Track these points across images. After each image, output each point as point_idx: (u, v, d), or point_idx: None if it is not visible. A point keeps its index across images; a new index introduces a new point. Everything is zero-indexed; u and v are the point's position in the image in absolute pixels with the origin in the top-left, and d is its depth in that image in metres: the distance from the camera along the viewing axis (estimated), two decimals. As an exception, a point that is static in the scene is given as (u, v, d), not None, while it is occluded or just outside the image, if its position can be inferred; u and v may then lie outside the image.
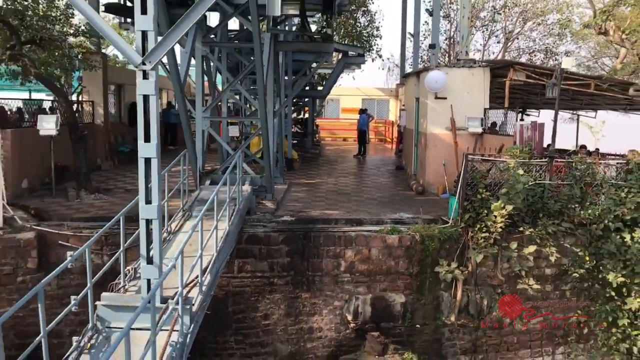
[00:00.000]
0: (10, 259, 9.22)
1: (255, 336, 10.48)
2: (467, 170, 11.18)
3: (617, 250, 10.84)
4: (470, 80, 14.21)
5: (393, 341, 10.84)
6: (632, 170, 11.68)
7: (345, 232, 10.78)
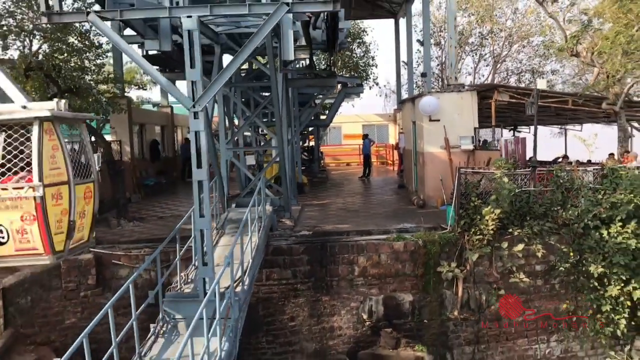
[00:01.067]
0: (74, 277, 10.80)
1: (284, 336, 11.96)
2: (460, 182, 12.79)
3: (597, 245, 12.34)
4: (460, 103, 15.88)
5: (404, 336, 12.31)
6: (607, 175, 13.30)
7: (356, 241, 12.34)
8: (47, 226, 6.10)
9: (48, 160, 6.11)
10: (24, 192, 6.00)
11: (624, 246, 12.03)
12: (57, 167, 6.25)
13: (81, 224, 6.74)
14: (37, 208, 6.02)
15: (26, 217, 6.05)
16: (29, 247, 6.16)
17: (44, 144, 6.08)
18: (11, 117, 6.13)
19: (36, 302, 10.59)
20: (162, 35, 9.70)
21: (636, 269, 12.09)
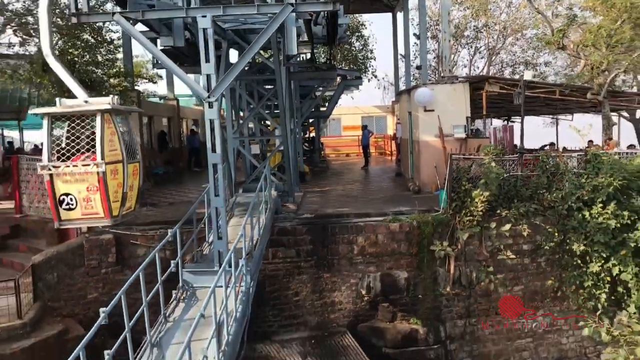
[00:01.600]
0: (95, 255, 11.75)
1: (289, 310, 12.93)
2: (452, 168, 13.73)
3: (579, 225, 13.27)
4: (453, 94, 16.77)
5: (400, 310, 13.26)
6: (590, 160, 14.25)
7: (355, 223, 13.28)
8: (107, 195, 7.58)
9: (107, 143, 7.56)
10: (90, 168, 7.49)
11: (604, 226, 12.94)
12: (114, 149, 7.72)
13: (130, 195, 8.17)
14: (100, 181, 7.51)
15: (91, 188, 7.53)
16: (93, 212, 7.66)
17: (104, 130, 7.51)
18: (80, 109, 7.65)
19: (62, 278, 11.54)
20: (176, 32, 10.63)
21: (615, 247, 12.98)
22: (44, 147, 7.82)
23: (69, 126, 7.69)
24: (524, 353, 14.02)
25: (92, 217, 7.77)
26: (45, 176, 7.70)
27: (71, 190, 7.58)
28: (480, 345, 13.72)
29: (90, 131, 7.62)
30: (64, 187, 7.62)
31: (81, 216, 7.74)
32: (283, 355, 12.23)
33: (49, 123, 7.82)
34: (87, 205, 7.59)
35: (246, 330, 8.48)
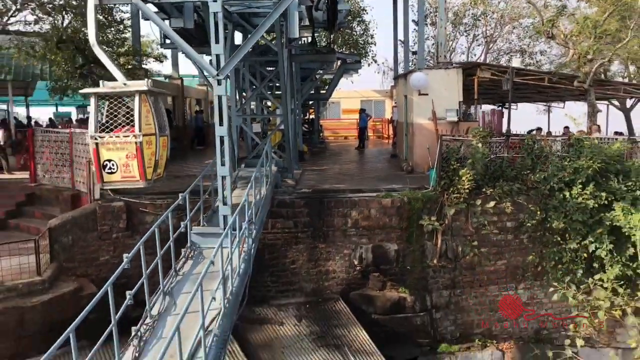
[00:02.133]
0: (108, 220, 12.65)
1: (286, 277, 13.87)
2: (442, 148, 14.61)
3: (560, 205, 14.17)
4: (447, 79, 17.59)
5: (390, 279, 14.21)
6: (573, 144, 15.14)
7: (350, 197, 14.18)
8: (143, 162, 8.87)
9: (144, 118, 8.79)
10: (129, 139, 8.75)
11: (582, 206, 13.84)
12: (149, 124, 8.96)
13: (161, 163, 9.46)
14: (137, 150, 8.78)
15: (129, 155, 8.84)
16: (130, 176, 8.99)
17: (142, 107, 8.75)
18: (121, 90, 8.87)
19: (76, 241, 12.44)
20: (186, 14, 11.44)
21: (593, 226, 13.89)
22: (90, 121, 9.05)
23: (110, 104, 8.99)
24: (505, 324, 14.99)
25: (129, 180, 9.06)
26: (91, 145, 8.97)
27: (113, 157, 8.91)
28: (464, 315, 14.68)
29: (127, 108, 8.91)
30: (107, 154, 8.95)
31: (120, 179, 9.05)
32: (280, 317, 13.20)
33: (95, 101, 9.00)
34: (126, 170, 8.92)
35: (247, 286, 9.39)
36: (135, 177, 9.00)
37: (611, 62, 20.27)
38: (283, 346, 12.31)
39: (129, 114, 8.87)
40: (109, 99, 8.98)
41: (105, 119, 8.96)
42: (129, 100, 8.93)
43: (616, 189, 13.93)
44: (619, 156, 14.74)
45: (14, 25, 17.74)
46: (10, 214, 14.34)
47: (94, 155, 8.97)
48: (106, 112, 8.95)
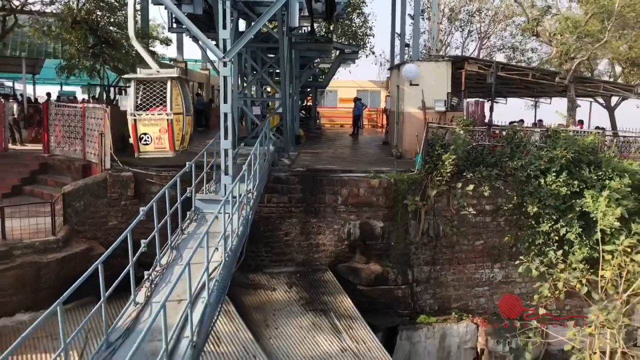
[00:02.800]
0: (117, 189, 13.74)
1: (279, 248, 15.00)
2: (428, 135, 15.74)
3: (535, 190, 15.32)
4: (437, 71, 18.66)
5: (375, 254, 15.36)
6: (550, 135, 16.29)
7: (341, 177, 15.30)
8: (173, 136, 10.53)
9: (174, 100, 10.41)
10: (162, 116, 10.43)
11: (556, 192, 15.01)
12: (178, 105, 10.56)
13: (186, 138, 11.09)
14: (168, 125, 10.45)
15: (162, 130, 10.53)
16: (162, 147, 10.71)
17: (172, 91, 10.39)
18: (157, 76, 10.58)
19: (87, 207, 13.53)
20: (196, 1, 12.49)
21: (564, 211, 15.07)
22: (129, 101, 10.85)
23: (145, 87, 10.66)
24: (481, 299, 16.20)
25: (161, 150, 10.80)
26: (130, 121, 10.62)
27: (148, 131, 10.64)
28: (443, 289, 15.88)
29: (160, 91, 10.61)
30: (143, 129, 10.65)
31: (154, 149, 10.79)
32: (272, 284, 14.36)
33: (135, 85, 10.59)
34: (158, 142, 10.70)
35: (244, 246, 10.51)
36: (165, 148, 10.73)
37: (591, 61, 21.32)
38: (274, 309, 13.48)
39: (162, 95, 10.52)
40: (144, 84, 10.61)
41: (141, 100, 10.62)
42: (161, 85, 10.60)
43: (587, 178, 15.06)
44: (592, 148, 15.89)
45: (34, 5, 18.74)
46: (25, 181, 15.42)
47: (132, 129, 10.64)
48: (142, 94, 10.62)
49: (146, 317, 7.11)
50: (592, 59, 18.53)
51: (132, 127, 10.60)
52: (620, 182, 14.71)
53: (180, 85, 10.70)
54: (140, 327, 6.87)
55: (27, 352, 10.85)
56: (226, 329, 12.03)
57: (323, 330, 12.96)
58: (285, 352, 12.03)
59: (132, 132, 10.63)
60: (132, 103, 10.56)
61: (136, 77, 10.59)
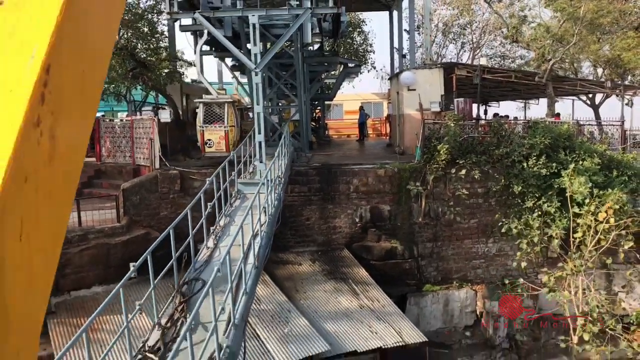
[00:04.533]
0: (166, 184, 16.41)
1: (302, 231, 17.59)
2: (425, 130, 18.38)
3: (519, 173, 17.86)
4: (431, 77, 21.36)
5: (384, 233, 17.91)
6: (532, 127, 18.90)
7: (352, 168, 17.94)
8: (228, 141, 14.53)
9: (229, 117, 14.54)
10: (221, 128, 14.72)
11: (537, 173, 17.55)
12: (231, 120, 14.81)
13: (235, 142, 14.96)
14: (225, 134, 14.66)
15: (220, 137, 14.89)
16: (220, 149, 15.00)
17: (228, 110, 14.44)
18: (218, 100, 15.25)
19: (142, 200, 16.20)
20: (226, 25, 15.27)
21: (545, 189, 17.60)
22: (198, 117, 15.81)
23: (206, 108, 15.48)
24: (478, 270, 18.66)
25: (219, 151, 15.28)
26: (198, 130, 15.66)
27: (211, 137, 15.34)
28: (444, 263, 18.36)
29: (219, 110, 15.15)
30: (208, 136, 15.45)
31: (215, 150, 15.38)
32: (298, 260, 16.92)
33: (203, 106, 15.39)
34: (218, 145, 15.30)
35: (280, 215, 13.12)
36: (223, 150, 15.41)
37: (574, 64, 24.00)
38: (302, 279, 16.04)
39: (220, 113, 15.22)
40: (208, 105, 15.35)
41: (205, 116, 15.34)
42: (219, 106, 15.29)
43: (563, 160, 17.62)
44: (568, 135, 18.49)
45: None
46: (83, 185, 18.15)
47: (201, 137, 15.51)
48: (205, 112, 15.33)
49: (217, 254, 9.69)
50: (568, 60, 21.07)
51: (201, 135, 15.41)
52: (591, 162, 17.29)
53: (232, 106, 15.06)
54: (214, 261, 9.45)
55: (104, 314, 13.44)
56: (264, 292, 14.59)
57: (343, 293, 15.49)
58: (314, 309, 14.55)
59: (200, 139, 15.58)
60: (201, 118, 15.38)
61: (202, 101, 15.34)
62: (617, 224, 14.28)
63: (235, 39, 16.77)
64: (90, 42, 1.65)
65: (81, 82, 1.64)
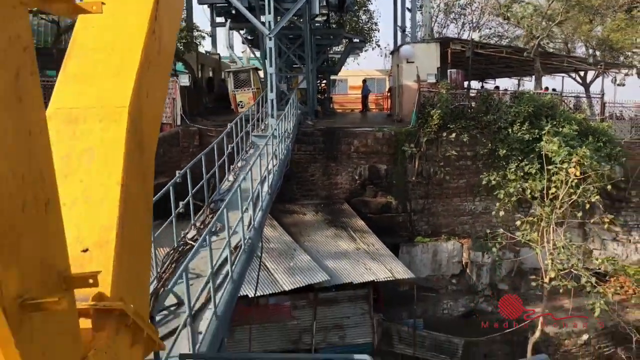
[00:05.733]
0: (187, 139, 18.36)
1: (307, 186, 19.55)
2: (420, 97, 20.25)
3: (505, 138, 19.79)
4: (428, 51, 23.14)
5: (380, 190, 19.87)
6: (517, 96, 20.77)
7: (353, 131, 19.85)
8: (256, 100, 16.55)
9: (254, 82, 17.55)
10: (249, 91, 18.06)
11: (520, 138, 19.47)
12: (256, 84, 18.00)
13: None
14: (253, 95, 18.03)
15: (249, 98, 18.74)
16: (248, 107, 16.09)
17: (253, 77, 17.49)
18: (242, 69, 18.98)
19: (165, 153, 18.13)
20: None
21: (528, 153, 19.50)
22: (229, 84, 19.50)
23: (235, 76, 18.83)
24: (465, 226, 20.64)
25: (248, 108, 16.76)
26: (231, 94, 18.97)
27: (242, 99, 18.92)
28: (434, 218, 20.35)
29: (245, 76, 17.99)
30: (239, 98, 19.12)
31: (245, 109, 16.96)
32: (303, 211, 18.91)
33: (232, 75, 18.79)
34: (247, 105, 17.77)
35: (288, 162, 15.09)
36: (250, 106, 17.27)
37: (555, 41, 25.74)
38: (306, 226, 18.04)
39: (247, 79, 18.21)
40: (235, 74, 18.56)
41: (235, 82, 18.32)
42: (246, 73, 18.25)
43: (545, 127, 19.47)
44: (550, 105, 20.36)
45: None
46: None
47: (233, 100, 19.03)
48: (233, 79, 18.33)
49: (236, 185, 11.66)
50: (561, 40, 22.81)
51: (233, 98, 19.05)
52: (570, 128, 19.17)
53: (255, 72, 18.35)
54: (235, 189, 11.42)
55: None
56: (272, 234, 16.62)
57: (343, 238, 17.51)
58: (316, 249, 16.57)
59: (233, 102, 19.21)
60: (232, 85, 19.20)
61: (232, 70, 19.12)
62: (583, 176, 16.17)
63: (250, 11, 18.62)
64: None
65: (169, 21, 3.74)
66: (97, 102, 3.88)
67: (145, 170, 4.16)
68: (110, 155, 3.74)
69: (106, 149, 3.75)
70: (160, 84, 4.45)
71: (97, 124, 3.83)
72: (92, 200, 3.58)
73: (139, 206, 3.92)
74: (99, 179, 3.66)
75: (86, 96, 3.84)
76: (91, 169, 3.65)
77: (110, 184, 3.66)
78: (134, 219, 3.75)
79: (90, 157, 3.74)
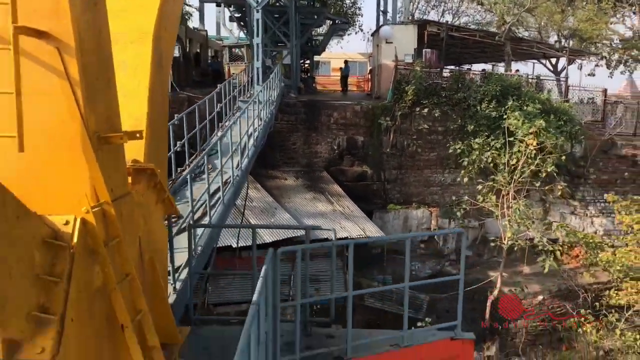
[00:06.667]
0: (176, 105, 19.57)
1: (289, 154, 20.90)
2: (397, 74, 21.66)
3: (473, 115, 21.28)
4: (405, 32, 24.52)
5: (357, 160, 21.30)
6: (487, 77, 22.28)
7: (333, 104, 21.22)
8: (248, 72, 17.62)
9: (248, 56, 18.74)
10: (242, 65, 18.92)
11: (487, 115, 20.98)
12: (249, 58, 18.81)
13: None
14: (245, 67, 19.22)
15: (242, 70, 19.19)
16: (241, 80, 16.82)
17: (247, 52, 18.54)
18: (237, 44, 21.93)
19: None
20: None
21: (494, 129, 21.02)
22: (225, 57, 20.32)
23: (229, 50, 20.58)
24: (435, 196, 22.15)
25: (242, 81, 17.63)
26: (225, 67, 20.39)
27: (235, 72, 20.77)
28: (406, 187, 21.83)
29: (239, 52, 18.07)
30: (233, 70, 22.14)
31: None
32: (284, 176, 20.28)
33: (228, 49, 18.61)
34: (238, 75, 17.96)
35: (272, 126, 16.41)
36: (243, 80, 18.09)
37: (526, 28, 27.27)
38: (287, 189, 19.42)
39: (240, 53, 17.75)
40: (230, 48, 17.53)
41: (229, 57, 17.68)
42: None
43: (510, 105, 21.01)
44: (517, 85, 21.89)
45: None
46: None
47: (227, 71, 19.25)
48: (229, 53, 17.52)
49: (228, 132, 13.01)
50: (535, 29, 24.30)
51: (228, 69, 19.57)
52: (534, 107, 20.72)
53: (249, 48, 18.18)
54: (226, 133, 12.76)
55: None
56: (256, 195, 17.96)
57: (321, 201, 18.93)
58: (295, 209, 17.97)
59: (228, 73, 19.68)
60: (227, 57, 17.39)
61: (228, 45, 18.94)
62: (540, 146, 17.74)
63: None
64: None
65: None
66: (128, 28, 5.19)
67: (163, 78, 5.47)
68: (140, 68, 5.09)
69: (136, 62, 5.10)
70: (174, 16, 5.76)
71: (129, 45, 5.16)
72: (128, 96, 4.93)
73: (160, 103, 5.27)
74: (131, 84, 5.02)
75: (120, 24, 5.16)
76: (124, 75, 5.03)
77: (140, 89, 5.03)
78: (158, 111, 5.10)
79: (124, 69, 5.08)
